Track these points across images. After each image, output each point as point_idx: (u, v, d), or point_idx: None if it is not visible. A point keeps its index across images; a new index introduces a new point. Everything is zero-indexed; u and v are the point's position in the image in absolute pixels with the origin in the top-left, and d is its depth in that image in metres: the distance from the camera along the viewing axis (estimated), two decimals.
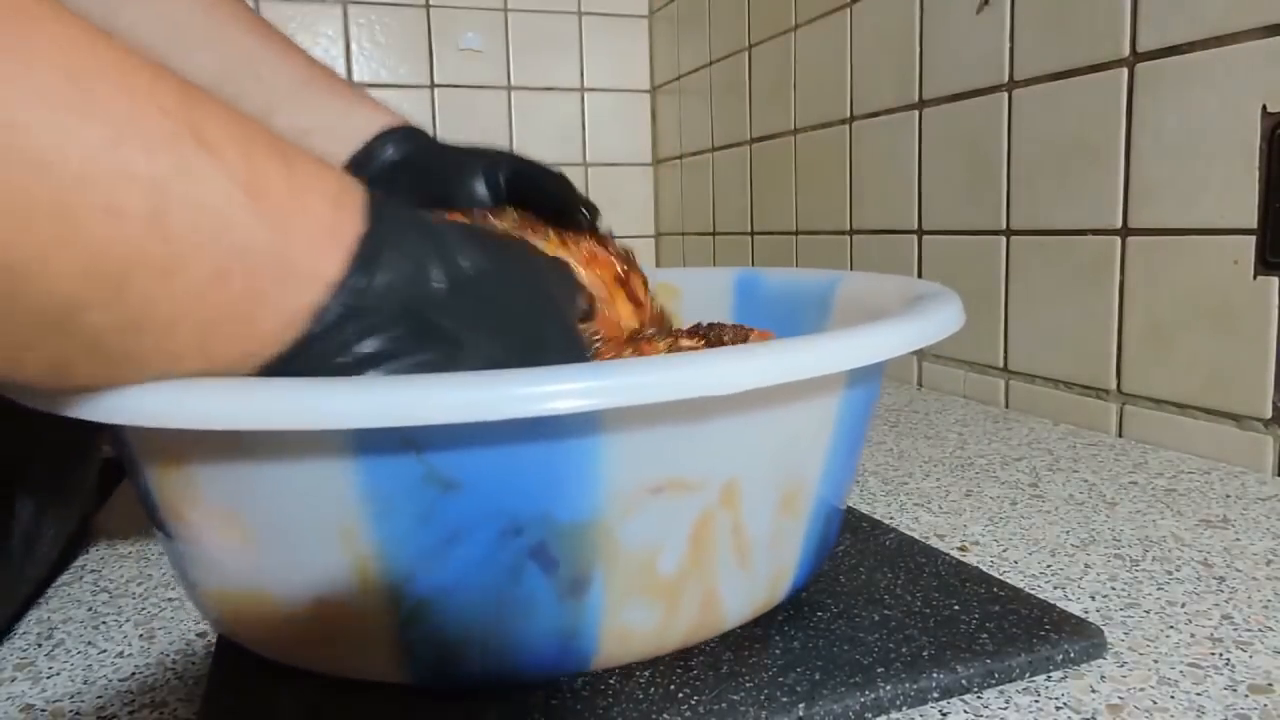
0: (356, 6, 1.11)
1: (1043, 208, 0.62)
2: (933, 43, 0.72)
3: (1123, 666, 0.28)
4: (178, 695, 0.29)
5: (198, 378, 0.21)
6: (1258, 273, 0.48)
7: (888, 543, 0.37)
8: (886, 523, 0.41)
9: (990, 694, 0.27)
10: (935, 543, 0.39)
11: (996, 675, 0.27)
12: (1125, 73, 0.55)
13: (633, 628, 0.27)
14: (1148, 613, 0.32)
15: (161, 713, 0.27)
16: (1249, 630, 0.31)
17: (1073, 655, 0.28)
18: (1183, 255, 0.53)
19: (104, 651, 0.32)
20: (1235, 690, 0.27)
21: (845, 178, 0.84)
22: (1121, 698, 0.27)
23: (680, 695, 0.26)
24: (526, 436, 0.23)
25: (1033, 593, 0.33)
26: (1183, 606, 0.33)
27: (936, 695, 0.27)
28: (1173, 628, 0.31)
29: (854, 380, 0.29)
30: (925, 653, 0.28)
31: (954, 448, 0.56)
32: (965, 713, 0.26)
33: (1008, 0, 0.64)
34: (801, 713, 0.25)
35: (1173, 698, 0.27)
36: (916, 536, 0.39)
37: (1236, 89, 0.49)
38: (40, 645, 0.33)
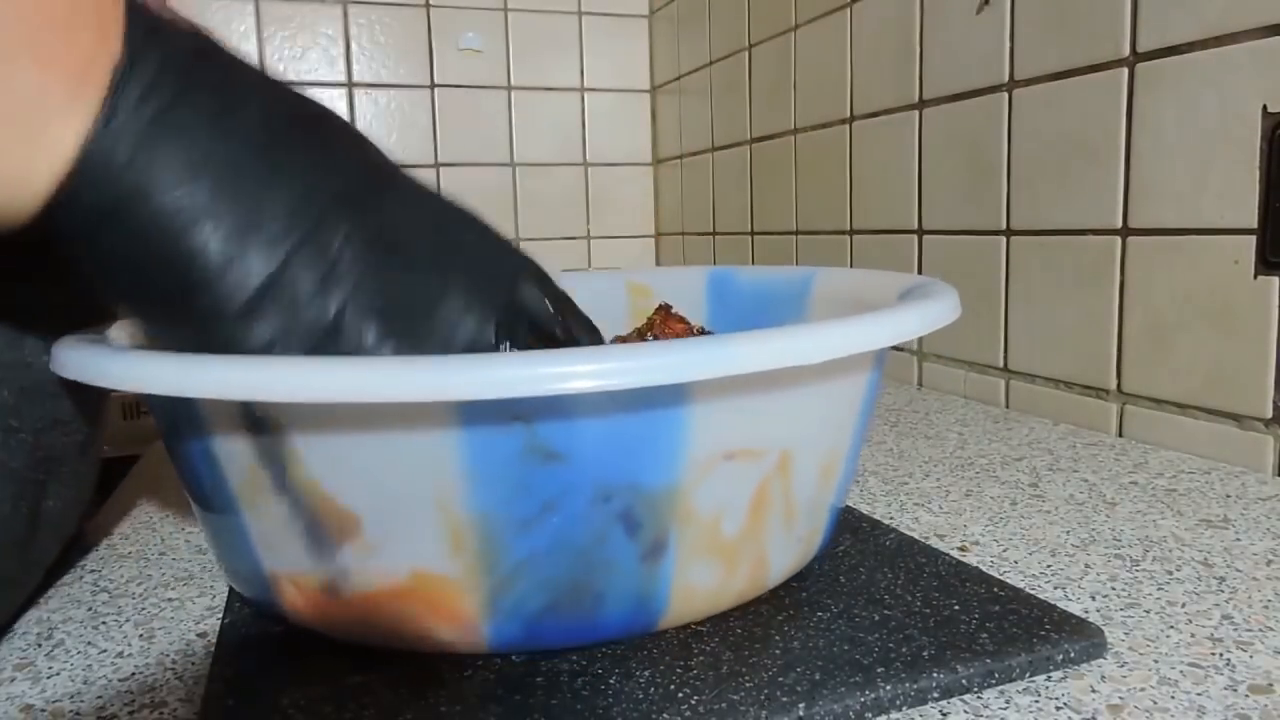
0: (356, 6, 1.12)
1: (1043, 208, 0.62)
2: (933, 43, 0.72)
3: (1123, 666, 0.28)
4: (178, 695, 0.29)
5: (320, 357, 0.23)
6: (1258, 273, 0.48)
7: (888, 543, 0.37)
8: (886, 523, 0.41)
9: (990, 694, 0.27)
10: (935, 543, 0.39)
11: (996, 675, 0.27)
12: (1125, 73, 0.55)
13: (697, 587, 0.29)
14: (1148, 613, 0.32)
15: (161, 713, 0.27)
16: (1249, 630, 0.31)
17: (1073, 655, 0.28)
18: (1183, 255, 0.53)
19: (104, 651, 0.32)
20: (1235, 690, 0.27)
21: (845, 178, 0.84)
22: (1122, 698, 0.27)
23: (680, 695, 0.26)
24: (628, 407, 0.25)
25: (1033, 593, 0.33)
26: (1183, 606, 0.33)
27: (936, 695, 0.27)
28: (1173, 628, 0.31)
29: (878, 360, 0.32)
30: (925, 653, 0.28)
31: (954, 448, 0.56)
32: (965, 713, 0.26)
33: (1008, 0, 0.64)
34: (801, 713, 0.25)
35: (1173, 698, 0.27)
36: (916, 536, 0.39)
37: (1236, 89, 0.49)
38: (40, 645, 0.33)
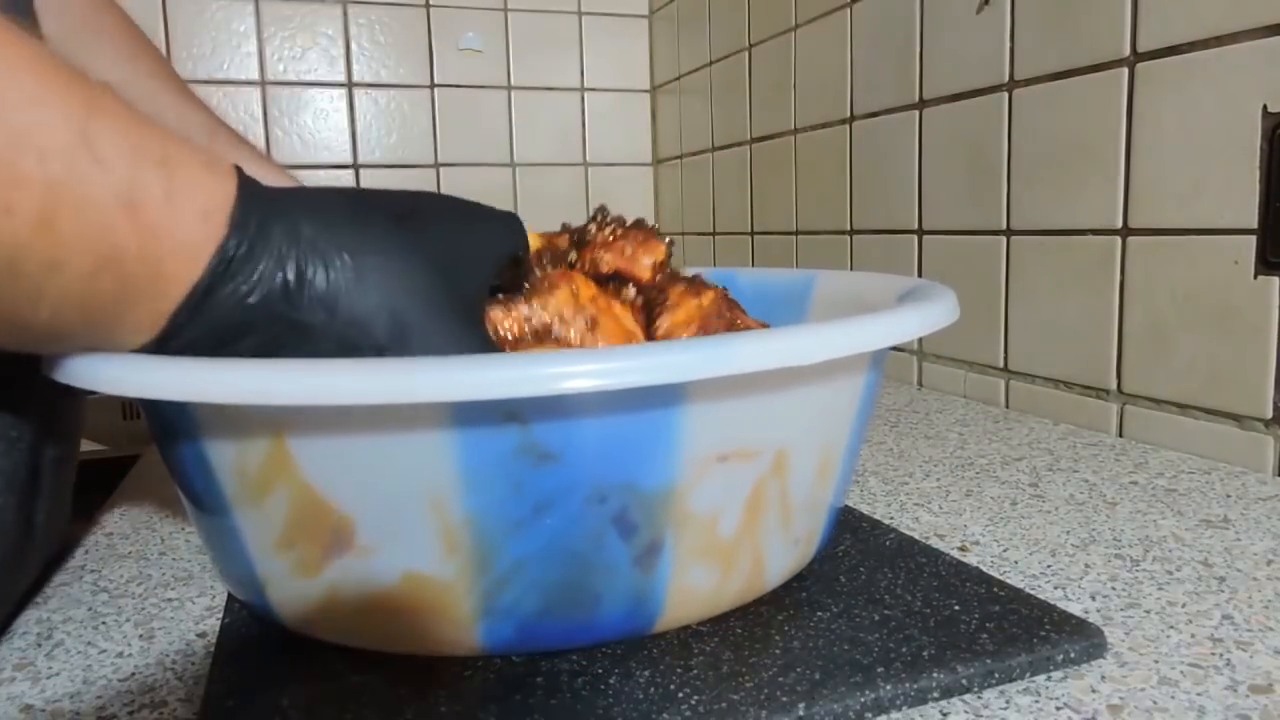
0: (356, 6, 1.11)
1: (1043, 208, 0.62)
2: (933, 43, 0.72)
3: (1123, 666, 0.28)
4: (178, 695, 0.29)
5: (321, 360, 0.23)
6: (1258, 273, 0.48)
7: (888, 543, 0.37)
8: (886, 523, 0.41)
9: (990, 694, 0.27)
10: (935, 543, 0.39)
11: (997, 675, 0.27)
12: (1125, 73, 0.55)
13: (694, 589, 0.29)
14: (1148, 613, 0.32)
15: (161, 713, 0.27)
16: (1249, 630, 0.31)
17: (1073, 655, 0.28)
18: (1183, 255, 0.53)
19: (104, 651, 0.32)
20: (1235, 690, 0.27)
21: (845, 178, 0.84)
22: (1122, 698, 0.27)
23: (680, 695, 0.26)
24: (624, 408, 0.24)
25: (1033, 593, 0.33)
26: (1183, 606, 0.33)
27: (937, 695, 0.27)
28: (1173, 628, 0.31)
29: (876, 361, 0.32)
30: (925, 653, 0.28)
31: (954, 448, 0.56)
32: (965, 713, 0.26)
33: (1008, 0, 0.64)
34: (801, 713, 0.25)
35: (1173, 698, 0.26)
36: (916, 536, 0.39)
37: (1236, 89, 0.49)
38: (40, 645, 0.33)
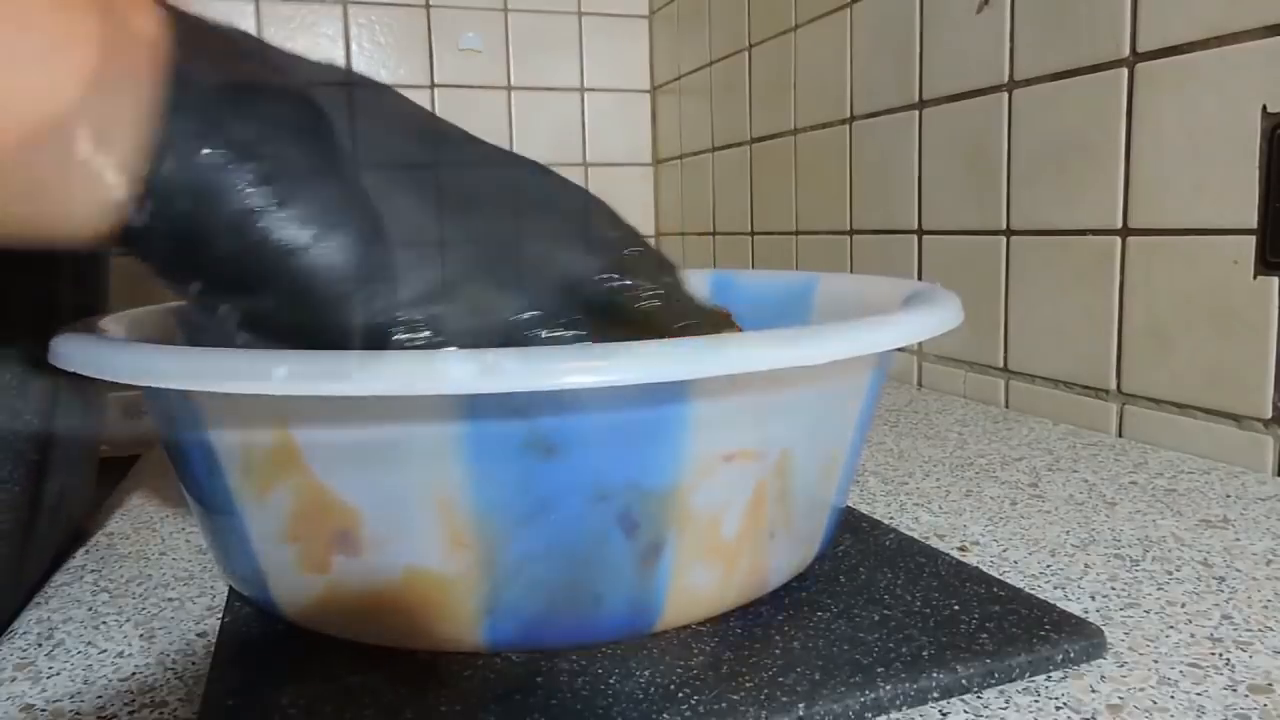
0: (356, 6, 1.11)
1: (1043, 208, 0.62)
2: (933, 43, 0.72)
3: (1123, 666, 0.28)
4: (178, 695, 0.29)
5: (332, 352, 0.23)
6: (1258, 273, 0.48)
7: (888, 543, 0.37)
8: (886, 523, 0.41)
9: (990, 694, 0.27)
10: (935, 543, 0.39)
11: (996, 675, 0.27)
12: (1125, 73, 0.55)
13: (696, 589, 0.29)
14: (1148, 613, 0.32)
15: (161, 713, 0.27)
16: (1249, 630, 0.31)
17: (1073, 655, 0.28)
18: (1183, 255, 0.53)
19: (104, 651, 0.32)
20: (1235, 690, 0.27)
21: (845, 178, 0.84)
22: (1121, 698, 0.27)
23: (680, 695, 0.26)
24: (629, 406, 0.24)
25: (1033, 593, 0.33)
26: (1183, 606, 0.33)
27: (936, 695, 0.27)
28: (1173, 628, 0.31)
29: (881, 363, 0.32)
30: (925, 653, 0.28)
31: (954, 448, 0.56)
32: (965, 713, 0.26)
33: (1008, 0, 0.64)
34: (801, 713, 0.25)
35: (1173, 698, 0.27)
36: (916, 536, 0.39)
37: (1236, 89, 0.49)
38: (40, 645, 0.33)
